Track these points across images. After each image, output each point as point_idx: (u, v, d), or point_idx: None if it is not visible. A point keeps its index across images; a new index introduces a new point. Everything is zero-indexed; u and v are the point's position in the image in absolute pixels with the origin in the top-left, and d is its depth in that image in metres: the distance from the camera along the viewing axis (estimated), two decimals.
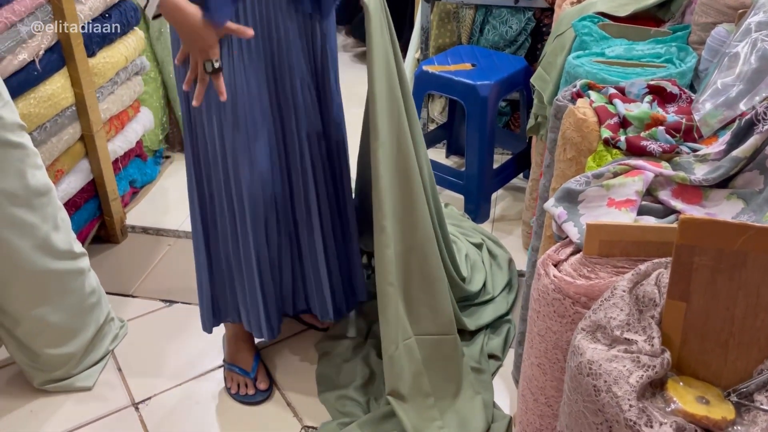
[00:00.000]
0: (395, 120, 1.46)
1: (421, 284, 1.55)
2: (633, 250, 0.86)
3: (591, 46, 1.48)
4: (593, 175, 0.97)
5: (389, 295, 1.48)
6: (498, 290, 1.94)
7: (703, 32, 1.37)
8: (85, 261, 1.72)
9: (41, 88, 1.80)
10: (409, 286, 1.54)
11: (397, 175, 1.48)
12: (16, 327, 1.60)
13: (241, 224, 1.48)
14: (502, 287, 1.96)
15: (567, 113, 1.18)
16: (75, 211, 2.02)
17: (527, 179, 2.47)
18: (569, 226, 0.93)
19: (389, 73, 1.44)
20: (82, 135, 2.00)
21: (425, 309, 1.56)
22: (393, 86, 1.45)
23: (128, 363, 1.76)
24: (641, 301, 0.79)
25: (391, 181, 1.47)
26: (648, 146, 1.01)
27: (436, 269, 1.57)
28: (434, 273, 1.57)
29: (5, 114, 1.49)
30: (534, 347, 0.94)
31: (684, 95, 1.15)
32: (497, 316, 1.86)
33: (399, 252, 1.50)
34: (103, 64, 2.02)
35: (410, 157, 1.50)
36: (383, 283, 1.47)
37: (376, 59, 1.39)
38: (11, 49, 1.67)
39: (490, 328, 1.83)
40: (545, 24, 2.51)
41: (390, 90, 1.44)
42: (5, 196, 1.49)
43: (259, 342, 1.79)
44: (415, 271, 1.54)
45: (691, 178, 0.93)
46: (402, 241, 1.51)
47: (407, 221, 1.51)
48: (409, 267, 1.53)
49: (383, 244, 1.46)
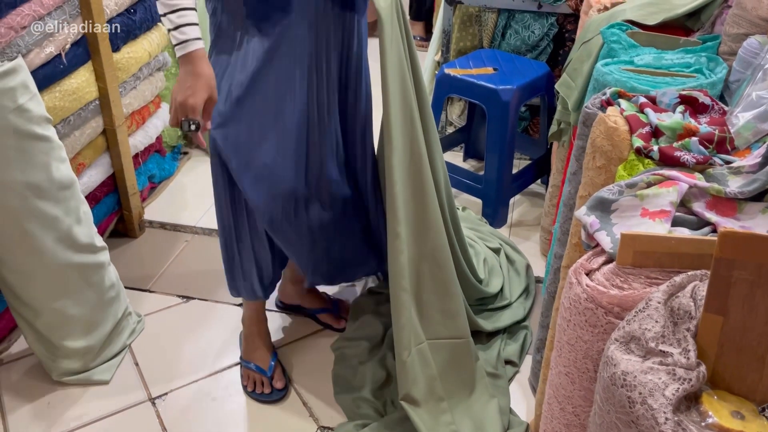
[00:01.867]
0: (408, 126, 1.47)
1: (433, 289, 1.55)
2: (667, 261, 0.85)
3: (619, 54, 1.47)
4: (626, 184, 0.97)
5: (402, 301, 1.47)
6: (515, 296, 1.93)
7: (734, 43, 1.36)
8: (105, 255, 1.72)
9: (66, 82, 1.81)
10: (422, 291, 1.54)
11: (410, 181, 1.48)
12: (37, 319, 1.61)
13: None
14: (520, 293, 1.95)
15: (597, 121, 1.17)
16: (94, 204, 2.03)
17: (545, 185, 2.47)
18: (602, 235, 0.93)
19: (402, 79, 1.44)
20: (104, 129, 2.01)
21: (438, 313, 1.56)
22: (407, 92, 1.45)
23: (145, 358, 1.77)
24: (676, 313, 0.78)
25: (405, 187, 1.47)
26: (681, 157, 1.01)
27: (448, 274, 1.57)
28: (447, 277, 1.56)
29: (32, 107, 1.51)
30: (563, 356, 0.93)
31: (716, 106, 1.14)
32: (514, 321, 1.85)
33: (411, 257, 1.50)
34: (127, 59, 2.03)
35: (424, 163, 1.50)
36: (396, 289, 1.47)
37: (389, 65, 1.39)
38: (38, 42, 1.68)
39: (507, 333, 1.83)
40: (568, 30, 2.50)
41: (403, 96, 1.44)
42: (30, 188, 1.50)
43: (276, 341, 1.79)
44: (427, 276, 1.54)
45: (726, 191, 0.92)
46: (415, 246, 1.51)
47: (420, 227, 1.52)
48: (422, 272, 1.53)
49: (397, 250, 1.46)
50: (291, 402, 1.65)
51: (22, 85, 1.48)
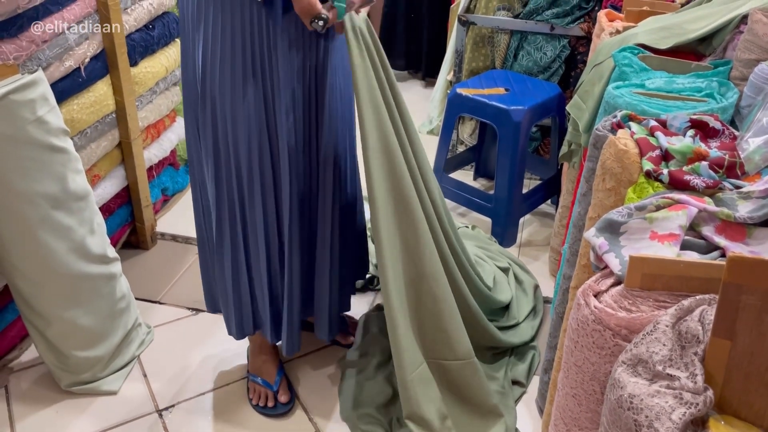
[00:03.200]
0: (388, 155, 1.46)
1: (432, 310, 1.54)
2: (676, 284, 0.86)
3: (631, 77, 1.48)
4: (636, 207, 0.97)
5: (397, 322, 1.48)
6: (523, 316, 1.93)
7: (746, 68, 1.37)
8: (117, 266, 1.74)
9: (85, 95, 1.84)
10: (421, 314, 1.54)
11: (395, 209, 1.48)
12: (48, 328, 1.63)
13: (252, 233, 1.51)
14: (527, 313, 1.95)
15: (608, 143, 1.18)
16: (108, 216, 2.05)
17: (555, 205, 2.47)
18: (610, 257, 0.93)
19: (375, 103, 1.43)
20: (120, 142, 2.04)
21: (440, 334, 1.55)
22: (381, 116, 1.44)
23: (153, 369, 1.77)
24: (684, 337, 0.78)
25: (390, 215, 1.47)
26: (691, 181, 1.01)
27: (446, 294, 1.56)
28: (446, 298, 1.55)
29: (51, 119, 1.53)
30: (570, 377, 0.93)
31: (727, 131, 1.15)
32: (522, 342, 1.85)
33: (408, 281, 1.51)
34: (144, 74, 2.06)
35: (408, 189, 1.49)
36: (388, 309, 1.47)
37: (360, 89, 1.40)
38: (59, 55, 1.72)
39: (515, 354, 1.82)
40: (580, 52, 2.52)
41: (379, 123, 1.44)
42: (45, 198, 1.53)
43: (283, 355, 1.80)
44: (426, 298, 1.53)
45: (736, 216, 0.93)
46: (409, 271, 1.51)
47: (413, 252, 1.51)
48: (420, 294, 1.53)
49: (385, 280, 1.47)
50: (296, 417, 1.65)
51: (42, 97, 1.51)
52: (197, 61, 1.37)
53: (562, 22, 2.45)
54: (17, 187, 1.48)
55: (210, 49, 1.34)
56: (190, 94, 1.44)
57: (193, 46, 1.37)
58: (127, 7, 1.96)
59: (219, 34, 1.33)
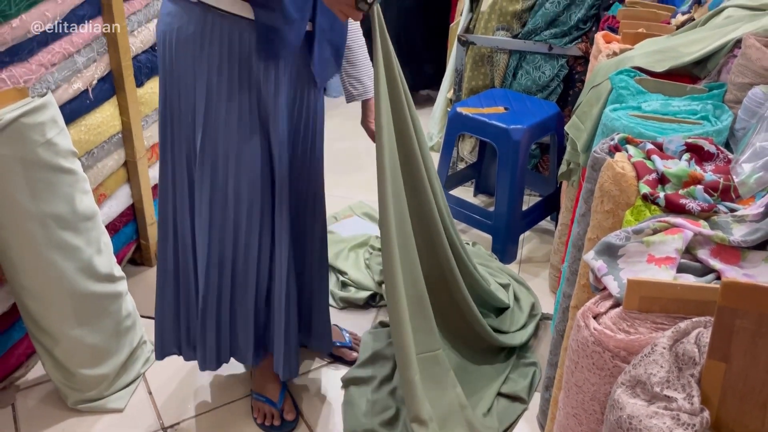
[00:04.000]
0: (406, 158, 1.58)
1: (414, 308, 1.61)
2: (672, 307, 0.88)
3: (627, 100, 1.51)
4: (633, 230, 1.00)
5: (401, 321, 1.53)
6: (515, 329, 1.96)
7: (740, 92, 1.40)
8: (123, 284, 1.77)
9: (92, 116, 1.88)
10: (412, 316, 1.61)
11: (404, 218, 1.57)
12: (55, 346, 1.65)
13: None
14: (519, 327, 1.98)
15: (605, 166, 1.21)
16: (113, 234, 2.08)
17: (555, 222, 2.50)
18: (609, 279, 0.96)
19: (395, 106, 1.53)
20: (125, 161, 2.07)
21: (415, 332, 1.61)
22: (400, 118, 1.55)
23: (158, 387, 1.79)
24: (681, 359, 0.81)
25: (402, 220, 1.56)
26: (687, 204, 1.04)
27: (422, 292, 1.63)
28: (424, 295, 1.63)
29: (60, 141, 1.57)
30: (571, 397, 0.96)
31: (722, 154, 1.18)
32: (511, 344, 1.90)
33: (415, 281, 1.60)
34: (150, 95, 2.10)
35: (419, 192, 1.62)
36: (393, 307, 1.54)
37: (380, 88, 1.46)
38: (67, 78, 1.75)
39: (516, 371, 1.84)
40: (578, 71, 2.56)
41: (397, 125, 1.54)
42: (53, 219, 1.56)
43: None
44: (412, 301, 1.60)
45: (730, 239, 0.95)
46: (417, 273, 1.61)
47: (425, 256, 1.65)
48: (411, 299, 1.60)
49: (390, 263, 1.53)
50: None
51: (51, 120, 1.54)
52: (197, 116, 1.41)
53: (560, 42, 2.49)
54: (27, 208, 1.51)
55: (214, 105, 1.39)
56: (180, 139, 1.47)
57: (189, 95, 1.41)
58: (134, 30, 2.00)
59: (225, 87, 1.38)
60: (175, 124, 1.46)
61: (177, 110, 1.44)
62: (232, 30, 1.34)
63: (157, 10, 2.09)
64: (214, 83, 1.38)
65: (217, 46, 1.35)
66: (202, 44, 1.35)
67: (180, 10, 1.36)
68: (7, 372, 1.77)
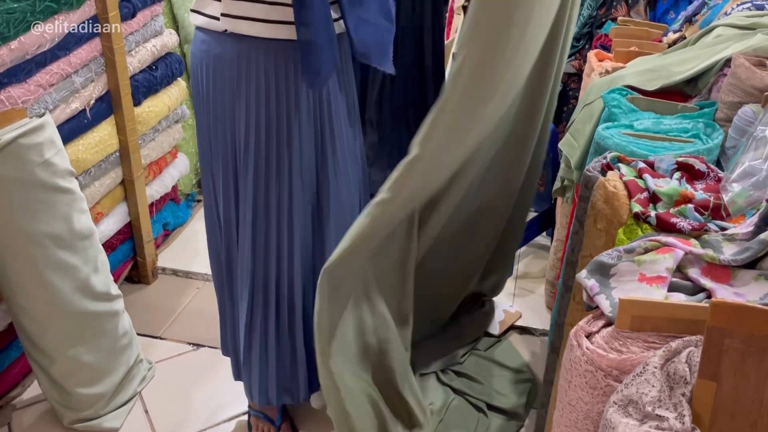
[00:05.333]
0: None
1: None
2: (664, 326, 0.89)
3: (620, 118, 1.53)
4: (624, 249, 1.01)
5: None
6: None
7: (730, 110, 1.42)
8: (120, 303, 1.77)
9: (89, 135, 1.89)
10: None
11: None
12: (51, 365, 1.65)
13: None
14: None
15: (597, 185, 1.22)
16: (110, 252, 2.08)
17: (550, 237, 2.51)
18: (601, 298, 0.97)
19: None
20: (122, 179, 2.08)
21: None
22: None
23: (155, 405, 1.79)
24: (672, 378, 0.82)
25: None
26: (678, 223, 1.05)
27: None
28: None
29: (57, 161, 1.58)
30: (564, 416, 0.96)
31: (712, 173, 1.19)
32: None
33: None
34: (147, 113, 2.11)
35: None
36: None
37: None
38: (65, 98, 1.77)
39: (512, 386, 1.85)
40: (572, 88, 2.58)
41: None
42: (51, 238, 1.56)
43: None
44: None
45: (720, 258, 0.97)
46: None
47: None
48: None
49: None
50: None
51: (49, 140, 1.56)
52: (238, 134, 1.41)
53: None
54: (24, 227, 1.51)
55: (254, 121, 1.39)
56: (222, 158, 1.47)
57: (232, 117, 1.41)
58: (132, 50, 2.02)
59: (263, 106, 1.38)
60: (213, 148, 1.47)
61: (215, 138, 1.44)
62: (267, 56, 1.34)
63: (155, 30, 2.12)
64: (253, 114, 1.37)
65: (254, 73, 1.34)
66: (239, 73, 1.35)
67: (214, 40, 1.36)
68: (4, 391, 1.76)
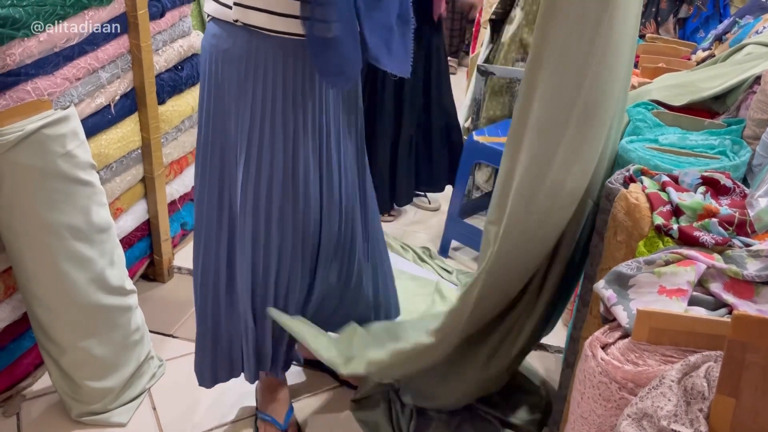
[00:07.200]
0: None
1: None
2: (682, 340, 0.86)
3: (644, 132, 1.51)
4: (645, 261, 0.99)
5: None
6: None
7: (758, 128, 1.39)
8: (133, 298, 1.77)
9: (113, 131, 1.91)
10: None
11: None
12: (62, 356, 1.65)
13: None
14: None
15: (619, 197, 1.20)
16: (127, 248, 2.09)
17: None
18: (618, 309, 0.94)
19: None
20: (143, 176, 2.10)
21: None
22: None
23: (163, 403, 1.78)
24: (689, 392, 0.79)
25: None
26: (701, 237, 1.03)
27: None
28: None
29: (79, 153, 1.59)
30: (576, 429, 0.93)
31: (738, 189, 1.16)
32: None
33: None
34: (171, 112, 2.13)
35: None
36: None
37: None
38: (90, 93, 1.79)
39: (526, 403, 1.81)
40: None
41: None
42: (69, 230, 1.57)
43: (293, 395, 1.80)
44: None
45: (744, 273, 0.94)
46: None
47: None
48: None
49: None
50: None
51: (72, 132, 1.57)
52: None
53: None
54: (43, 217, 1.53)
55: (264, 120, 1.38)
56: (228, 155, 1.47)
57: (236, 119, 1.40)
58: (159, 49, 2.04)
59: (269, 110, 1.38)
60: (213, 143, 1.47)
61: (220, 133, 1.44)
62: (276, 50, 1.33)
63: (183, 30, 2.14)
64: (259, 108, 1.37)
65: (262, 69, 1.34)
66: (247, 67, 1.35)
67: (225, 33, 1.36)
68: (15, 381, 1.77)
